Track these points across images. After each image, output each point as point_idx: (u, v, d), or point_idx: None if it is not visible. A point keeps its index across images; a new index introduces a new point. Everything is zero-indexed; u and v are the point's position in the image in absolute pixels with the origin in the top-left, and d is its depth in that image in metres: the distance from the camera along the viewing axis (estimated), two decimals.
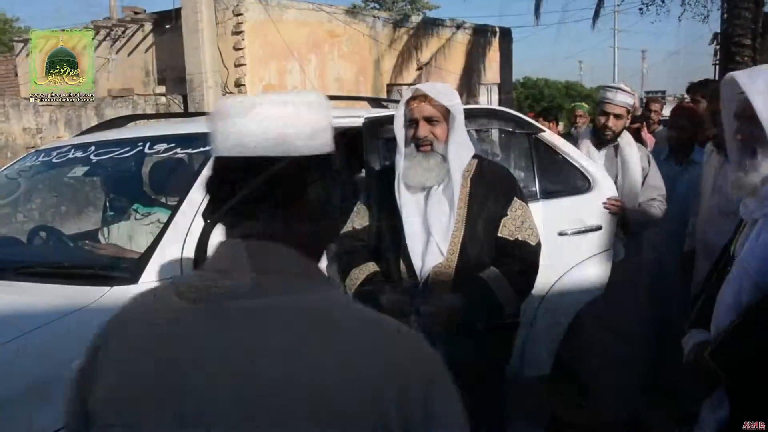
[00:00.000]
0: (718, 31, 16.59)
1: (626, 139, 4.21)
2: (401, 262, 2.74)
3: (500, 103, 19.02)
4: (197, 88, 10.13)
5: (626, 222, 3.96)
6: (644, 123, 6.08)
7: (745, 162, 1.90)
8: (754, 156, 1.87)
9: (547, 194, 3.84)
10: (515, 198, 2.80)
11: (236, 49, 12.08)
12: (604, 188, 3.93)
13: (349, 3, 40.52)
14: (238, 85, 12.13)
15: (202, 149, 3.25)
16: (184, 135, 3.54)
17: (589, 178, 3.96)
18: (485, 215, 2.73)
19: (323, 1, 13.96)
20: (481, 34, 18.15)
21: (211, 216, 1.16)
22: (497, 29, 18.87)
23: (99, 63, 13.32)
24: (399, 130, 2.83)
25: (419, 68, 15.98)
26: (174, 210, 2.90)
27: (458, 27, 17.33)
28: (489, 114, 4.16)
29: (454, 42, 17.16)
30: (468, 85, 17.70)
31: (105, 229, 3.72)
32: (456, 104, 2.76)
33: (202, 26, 9.99)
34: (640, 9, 17.90)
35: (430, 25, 16.70)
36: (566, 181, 3.98)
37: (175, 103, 11.45)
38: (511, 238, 2.73)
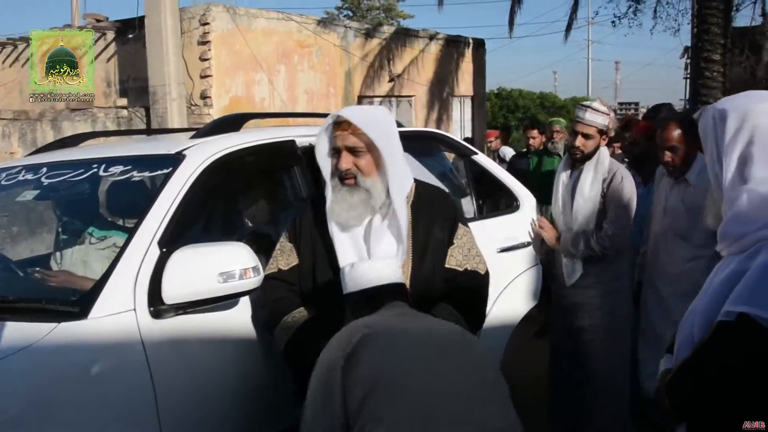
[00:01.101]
0: (689, 44, 16.71)
1: (599, 160, 3.85)
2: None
3: (473, 116, 18.84)
4: (160, 100, 9.70)
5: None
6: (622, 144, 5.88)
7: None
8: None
9: (485, 214, 4.30)
10: (459, 224, 2.69)
11: (202, 59, 11.66)
12: (527, 207, 4.38)
13: (320, 12, 40.39)
14: (204, 97, 11.71)
15: (159, 172, 3.08)
16: (141, 157, 3.39)
17: (517, 197, 4.41)
18: (432, 246, 2.54)
19: (293, 10, 13.62)
20: (454, 46, 17.93)
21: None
22: (471, 40, 18.66)
23: None
24: (322, 159, 2.58)
25: (391, 80, 15.69)
26: (129, 236, 2.71)
27: (431, 38, 17.09)
28: (425, 137, 4.50)
29: (427, 53, 16.91)
30: (441, 97, 17.46)
31: (58, 254, 3.52)
32: (385, 133, 2.50)
33: (167, 36, 9.57)
34: (613, 22, 18.04)
35: (403, 36, 16.43)
36: (499, 200, 4.44)
37: (137, 116, 11.01)
38: (460, 269, 2.60)
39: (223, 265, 2.53)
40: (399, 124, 5.42)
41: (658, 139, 3.75)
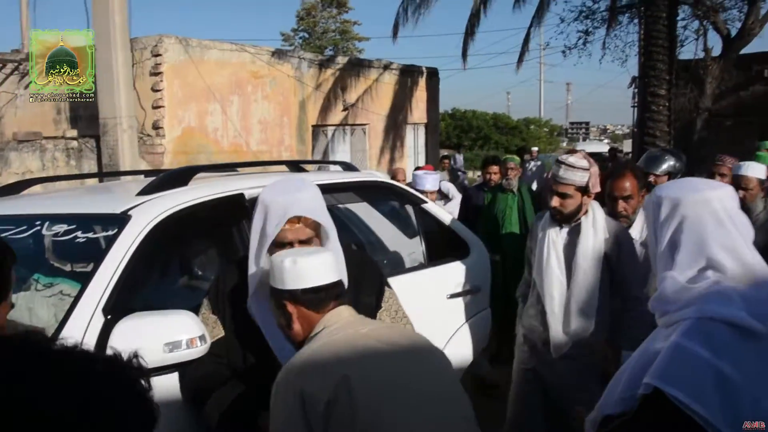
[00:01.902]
0: (636, 75, 17.18)
1: (595, 218, 3.47)
2: None
3: (427, 143, 19.01)
4: (111, 132, 9.59)
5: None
6: None
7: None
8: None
9: (435, 261, 4.23)
10: (385, 287, 2.72)
11: (154, 90, 11.60)
12: (476, 254, 4.36)
13: (276, 37, 40.36)
14: (156, 127, 11.63)
15: (104, 234, 3.03)
16: (85, 216, 3.29)
17: (467, 244, 4.38)
18: (362, 311, 2.46)
19: (249, 40, 13.65)
20: (408, 75, 18.12)
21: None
22: (424, 69, 18.88)
23: (5, 98, 12.60)
24: (260, 235, 2.49)
25: (345, 109, 15.78)
26: (72, 303, 2.63)
27: (385, 68, 17.25)
28: (375, 187, 4.45)
29: (381, 82, 17.05)
30: (395, 125, 17.60)
31: None
32: (323, 209, 2.53)
33: (118, 68, 9.48)
34: (563, 52, 18.40)
35: (357, 66, 16.55)
36: (449, 247, 4.36)
37: (87, 147, 10.86)
38: None
39: (170, 335, 2.50)
40: (351, 167, 5.46)
41: (611, 189, 3.69)
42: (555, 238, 3.51)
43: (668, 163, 4.83)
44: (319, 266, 2.17)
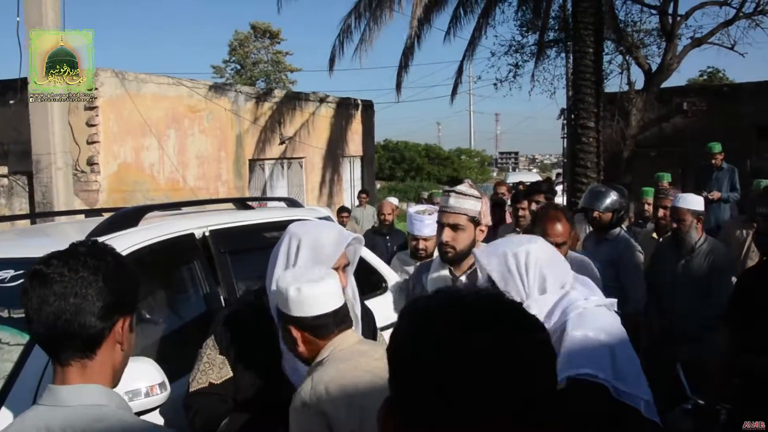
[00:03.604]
0: (565, 106, 17.75)
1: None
2: None
3: (363, 175, 19.15)
4: (44, 169, 9.36)
5: None
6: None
7: None
8: None
9: (365, 294, 4.11)
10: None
11: (89, 125, 11.42)
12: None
13: (204, 76, 40.21)
14: (91, 163, 11.44)
15: None
16: (33, 261, 3.16)
17: (385, 279, 4.49)
18: None
19: (183, 75, 13.58)
20: (344, 107, 18.29)
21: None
22: (360, 102, 19.09)
23: None
24: (309, 261, 2.54)
25: (282, 142, 15.80)
26: (21, 355, 2.58)
27: (321, 101, 17.37)
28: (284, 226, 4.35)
29: (317, 116, 17.16)
30: (332, 158, 17.70)
31: None
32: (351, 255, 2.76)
33: (52, 103, 9.30)
34: (495, 84, 18.87)
35: (294, 99, 16.63)
36: (369, 282, 4.35)
37: (18, 184, 10.58)
38: None
39: (128, 384, 2.44)
40: (295, 203, 5.52)
41: (542, 234, 3.23)
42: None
43: (611, 199, 4.93)
44: (322, 296, 2.22)
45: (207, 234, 3.73)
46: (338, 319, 2.25)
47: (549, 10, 16.68)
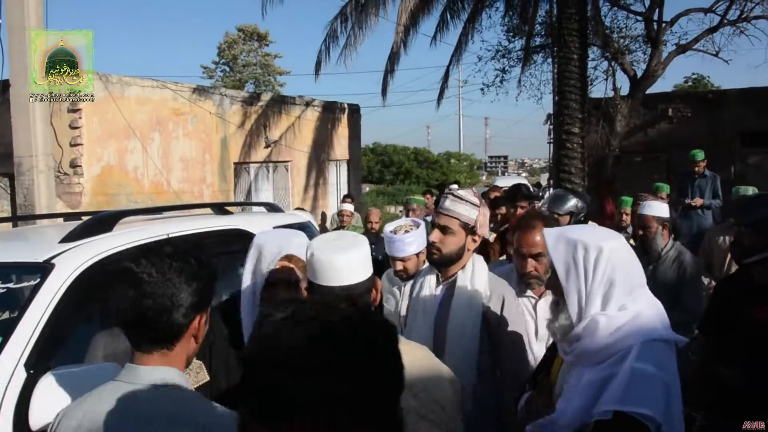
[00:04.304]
0: (551, 112, 17.81)
1: (474, 272, 2.98)
2: None
3: (349, 179, 19.13)
4: (26, 172, 9.30)
5: None
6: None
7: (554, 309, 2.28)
8: (558, 305, 2.24)
9: None
10: None
11: (72, 127, 11.33)
12: None
13: (194, 79, 40.10)
14: (74, 165, 11.35)
15: (26, 283, 2.96)
16: (6, 265, 3.20)
17: None
18: None
19: (174, 77, 13.51)
20: (330, 111, 18.26)
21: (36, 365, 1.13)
22: (346, 106, 19.07)
23: None
24: (252, 275, 2.65)
25: (267, 146, 15.75)
26: None
27: (307, 104, 17.35)
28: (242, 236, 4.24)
29: (303, 119, 17.13)
30: (317, 162, 17.67)
31: None
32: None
33: (34, 106, 9.24)
34: (482, 89, 18.94)
35: (280, 103, 16.59)
36: None
37: (0, 186, 10.51)
38: None
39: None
40: (276, 207, 5.48)
41: (518, 244, 3.25)
42: (428, 294, 3.04)
43: (570, 203, 5.08)
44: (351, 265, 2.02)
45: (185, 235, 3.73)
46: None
47: (535, 16, 16.76)
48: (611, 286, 2.12)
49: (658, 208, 4.91)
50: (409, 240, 3.90)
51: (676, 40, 16.28)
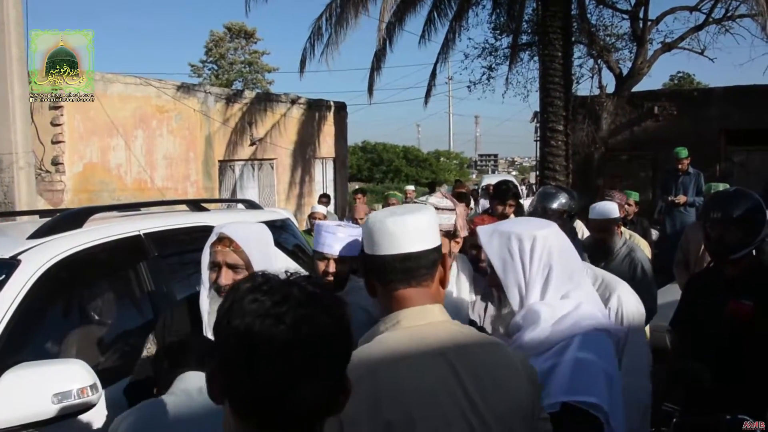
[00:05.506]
0: (537, 110, 17.84)
1: (453, 275, 2.94)
2: None
3: (335, 177, 19.10)
4: (6, 169, 9.22)
5: None
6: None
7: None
8: (500, 300, 2.28)
9: None
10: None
11: (54, 124, 11.26)
12: None
13: (185, 70, 39.91)
14: (56, 163, 11.28)
15: None
16: None
17: None
18: None
19: (157, 76, 13.44)
20: (315, 109, 18.22)
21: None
22: (332, 103, 19.04)
23: None
24: (204, 269, 2.67)
25: (252, 144, 15.70)
26: None
27: (293, 102, 17.30)
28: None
29: (288, 117, 17.08)
30: (303, 159, 17.63)
31: None
32: (264, 253, 2.61)
33: (14, 103, 9.14)
34: (468, 87, 18.90)
35: (264, 100, 16.53)
36: None
37: None
38: None
39: (58, 385, 2.46)
40: (254, 205, 5.43)
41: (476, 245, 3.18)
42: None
43: (559, 201, 5.06)
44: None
45: (143, 236, 3.69)
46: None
47: (522, 14, 16.73)
48: (550, 270, 2.15)
49: (605, 211, 5.06)
50: (341, 235, 3.04)
51: (662, 38, 16.35)
